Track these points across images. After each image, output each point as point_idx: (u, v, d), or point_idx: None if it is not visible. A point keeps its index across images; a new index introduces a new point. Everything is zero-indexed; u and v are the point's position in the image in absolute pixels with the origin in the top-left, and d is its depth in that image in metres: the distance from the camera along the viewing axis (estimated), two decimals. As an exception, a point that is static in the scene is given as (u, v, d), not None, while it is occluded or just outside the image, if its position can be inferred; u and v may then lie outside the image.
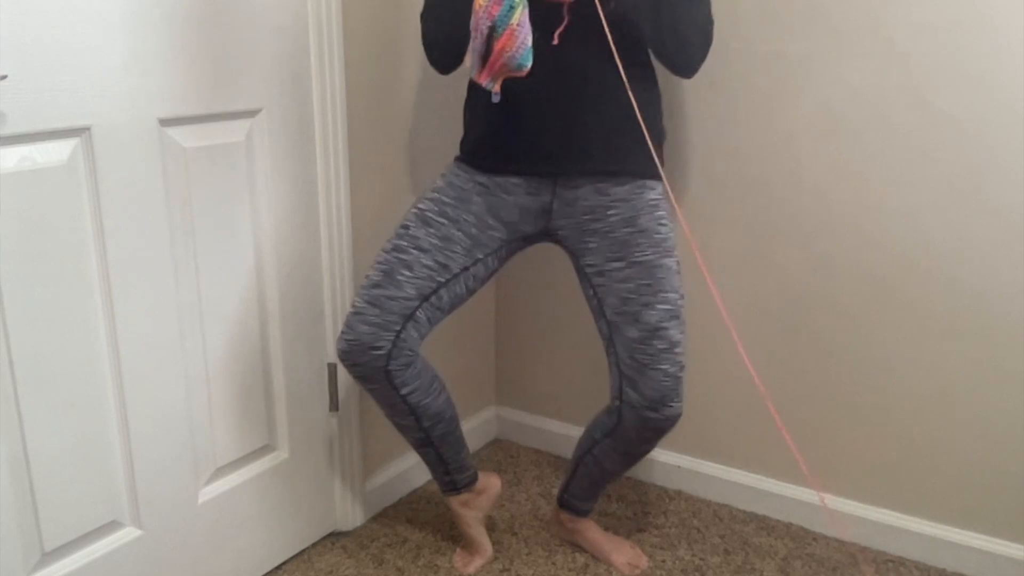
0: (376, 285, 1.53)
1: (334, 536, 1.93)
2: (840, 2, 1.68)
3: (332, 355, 1.84)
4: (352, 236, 1.82)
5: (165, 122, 1.45)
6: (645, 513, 2.00)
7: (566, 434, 2.24)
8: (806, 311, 1.85)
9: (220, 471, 1.67)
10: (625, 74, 1.37)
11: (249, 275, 1.65)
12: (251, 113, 1.59)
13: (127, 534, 1.52)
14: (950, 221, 1.67)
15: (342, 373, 1.85)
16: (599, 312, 1.57)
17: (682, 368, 1.53)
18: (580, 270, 1.59)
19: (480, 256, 1.58)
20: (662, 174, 1.45)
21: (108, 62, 1.35)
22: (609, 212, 1.53)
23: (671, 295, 1.52)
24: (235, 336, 1.64)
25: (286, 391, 1.76)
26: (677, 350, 1.52)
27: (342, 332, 1.55)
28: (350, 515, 1.94)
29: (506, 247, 1.61)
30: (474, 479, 1.80)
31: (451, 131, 2.02)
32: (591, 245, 1.55)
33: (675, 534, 1.94)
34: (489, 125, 1.55)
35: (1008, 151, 1.59)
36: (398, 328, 1.52)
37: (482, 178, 1.57)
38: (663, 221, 1.54)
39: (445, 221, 1.56)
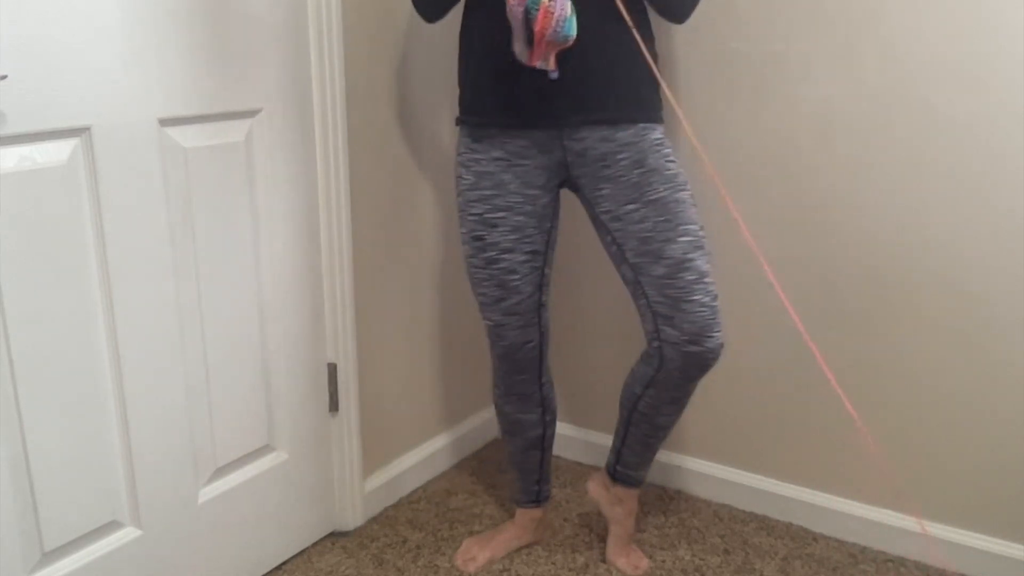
0: (499, 300, 1.64)
1: (334, 536, 1.93)
2: (840, 2, 1.68)
3: (332, 355, 1.84)
4: (352, 236, 1.82)
5: (165, 122, 1.45)
6: (645, 513, 2.00)
7: (566, 434, 2.24)
8: (804, 311, 1.85)
9: (220, 471, 1.66)
10: (620, 23, 1.40)
11: (249, 275, 1.65)
12: (251, 113, 1.59)
13: (127, 534, 1.52)
14: (950, 221, 1.67)
15: (342, 373, 1.85)
16: (620, 257, 1.58)
17: (715, 298, 1.53)
18: (596, 219, 1.60)
19: (548, 225, 1.64)
20: (672, 109, 1.45)
21: (108, 62, 1.35)
22: (619, 157, 1.54)
23: (691, 227, 1.53)
24: (235, 336, 1.64)
25: (286, 391, 1.76)
26: (707, 279, 1.53)
27: (493, 341, 1.69)
28: (350, 515, 1.94)
29: (553, 203, 1.65)
30: (550, 495, 1.90)
31: (451, 131, 2.02)
32: (604, 191, 1.56)
33: (675, 534, 1.93)
34: (486, 82, 1.55)
35: (1008, 151, 1.59)
36: (537, 320, 1.67)
37: (497, 152, 1.58)
38: (670, 159, 1.55)
39: (504, 214, 1.59)
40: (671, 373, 1.58)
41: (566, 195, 1.67)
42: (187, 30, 1.45)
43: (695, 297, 1.52)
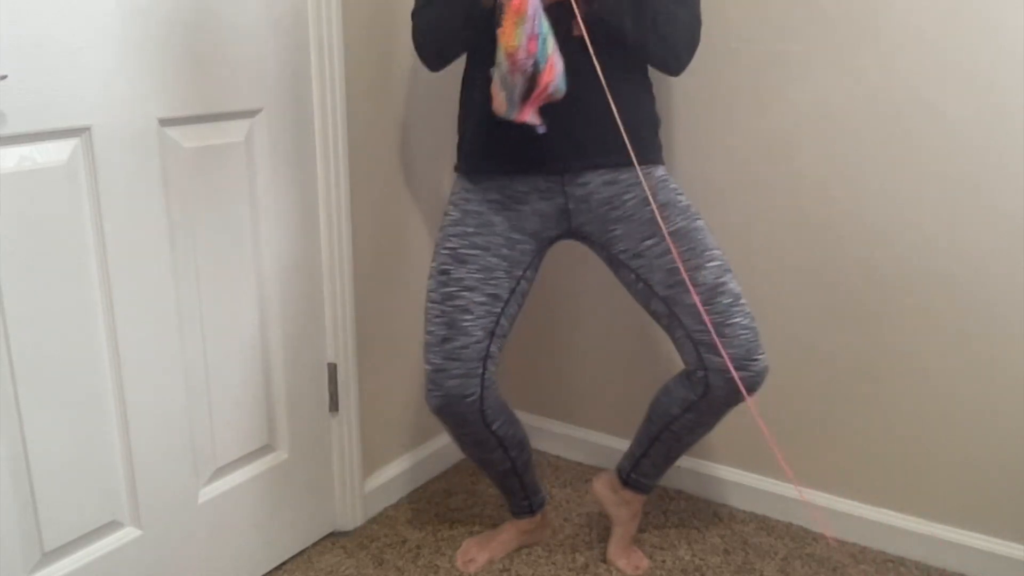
0: (445, 340, 1.56)
1: (334, 536, 1.93)
2: (840, 2, 1.68)
3: (332, 355, 1.84)
4: (352, 236, 1.82)
5: (165, 122, 1.45)
6: (645, 513, 2.00)
7: (565, 434, 2.24)
8: (804, 311, 1.85)
9: (220, 471, 1.67)
10: (614, 71, 1.40)
11: (249, 275, 1.65)
12: (251, 113, 1.59)
13: (127, 534, 1.52)
14: (950, 221, 1.67)
15: (342, 373, 1.85)
16: (648, 293, 1.56)
17: (753, 320, 1.53)
18: (614, 260, 1.59)
19: (520, 273, 1.60)
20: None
21: (108, 62, 1.35)
22: (625, 198, 1.54)
23: (715, 251, 1.53)
24: (235, 336, 1.64)
25: (286, 391, 1.76)
26: (742, 301, 1.53)
27: (429, 390, 1.57)
28: (350, 515, 1.94)
29: (538, 255, 1.63)
30: (545, 500, 1.86)
31: (451, 131, 2.02)
32: (617, 232, 1.56)
33: (675, 534, 1.93)
34: (486, 130, 1.54)
35: (1008, 151, 1.59)
36: (480, 372, 1.57)
37: (493, 195, 1.58)
38: (679, 192, 1.56)
39: (478, 252, 1.57)
40: (716, 400, 1.56)
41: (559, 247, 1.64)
42: (187, 30, 1.45)
43: (735, 320, 1.51)
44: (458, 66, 1.64)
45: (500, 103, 1.38)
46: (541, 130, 1.38)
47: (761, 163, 1.83)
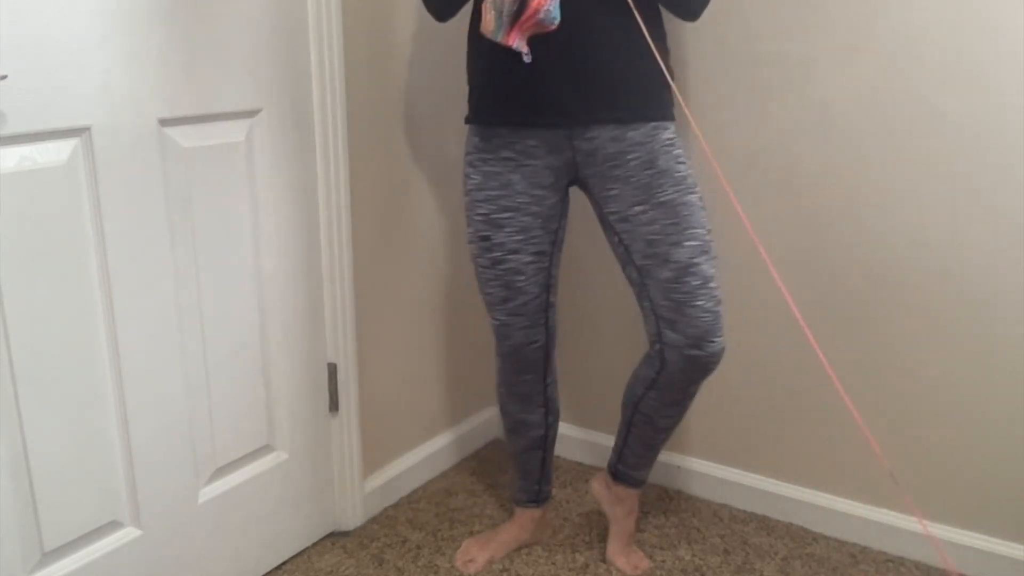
0: (505, 300, 1.64)
1: (334, 536, 1.93)
2: (840, 2, 1.68)
3: (332, 355, 1.84)
4: (352, 236, 1.82)
5: (165, 122, 1.45)
6: (645, 513, 2.00)
7: (567, 434, 2.24)
8: (805, 310, 1.85)
9: (220, 471, 1.66)
10: (632, 20, 1.39)
11: (249, 275, 1.65)
12: (251, 113, 1.59)
13: (127, 534, 1.52)
14: (950, 220, 1.67)
15: (342, 373, 1.85)
16: (627, 259, 1.58)
17: (719, 303, 1.54)
18: (603, 219, 1.60)
19: (555, 226, 1.64)
20: (679, 104, 1.44)
21: (108, 62, 1.35)
22: (629, 157, 1.53)
23: (698, 231, 1.53)
24: (235, 336, 1.64)
25: (286, 391, 1.76)
26: (712, 284, 1.53)
27: (499, 340, 1.70)
28: (350, 515, 1.94)
29: (563, 203, 1.65)
30: (551, 496, 1.90)
31: (452, 131, 2.02)
32: (613, 192, 1.56)
33: (675, 534, 1.93)
34: (496, 80, 1.55)
35: (1008, 151, 1.59)
36: (543, 320, 1.68)
37: (505, 152, 1.57)
38: (681, 160, 1.55)
39: (511, 214, 1.59)
40: (672, 376, 1.58)
41: (574, 195, 1.67)
42: (187, 30, 1.45)
43: (698, 302, 1.52)
44: (458, 66, 1.64)
45: (488, 22, 1.39)
46: (527, 59, 1.40)
47: (764, 161, 1.83)
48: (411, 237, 2.01)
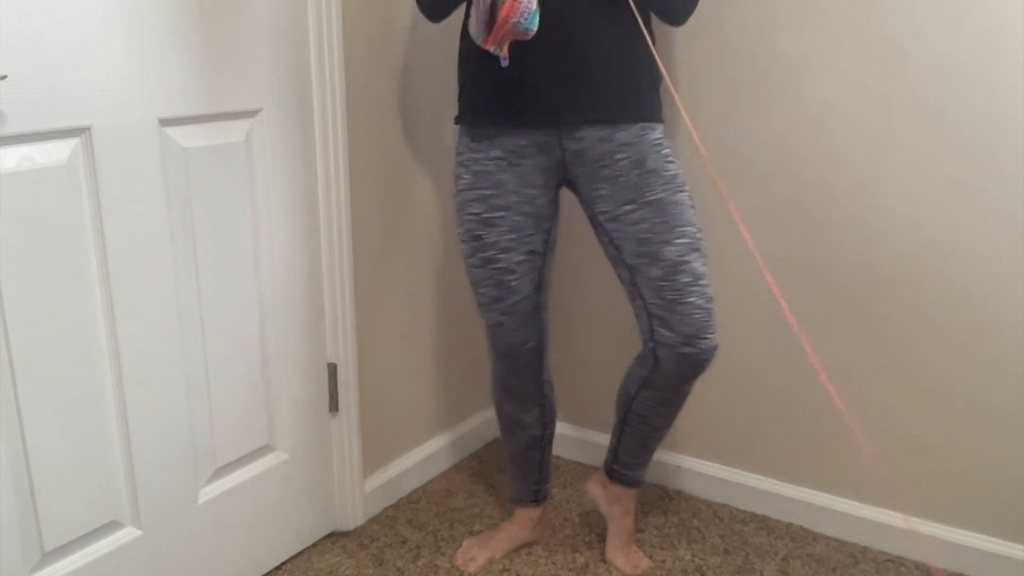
0: (497, 299, 1.64)
1: (334, 536, 1.93)
2: (840, 2, 1.68)
3: (332, 355, 1.84)
4: (352, 236, 1.82)
5: (165, 122, 1.45)
6: (645, 513, 2.00)
7: (566, 434, 2.24)
8: (803, 310, 1.85)
9: (220, 471, 1.67)
10: (620, 21, 1.41)
11: (249, 275, 1.65)
12: (251, 113, 1.59)
13: (127, 534, 1.52)
14: (950, 220, 1.67)
15: (342, 373, 1.85)
16: (617, 258, 1.59)
17: (710, 300, 1.54)
18: (593, 219, 1.60)
19: (546, 225, 1.64)
20: (676, 104, 1.45)
21: (108, 62, 1.35)
22: (617, 157, 1.53)
23: (688, 228, 1.53)
24: (235, 336, 1.64)
25: (286, 391, 1.76)
26: (702, 282, 1.53)
27: (492, 340, 1.69)
28: (350, 515, 1.94)
29: (554, 202, 1.65)
30: (549, 495, 1.90)
31: (452, 131, 2.02)
32: (602, 192, 1.56)
33: (675, 534, 1.94)
34: (486, 80, 1.55)
35: (1007, 150, 1.59)
36: (535, 320, 1.67)
37: (496, 152, 1.58)
38: (670, 159, 1.55)
39: (502, 213, 1.59)
40: (665, 374, 1.58)
41: (565, 195, 1.67)
42: (187, 30, 1.45)
43: (690, 299, 1.52)
44: (454, 66, 1.64)
45: (472, 25, 1.42)
46: (504, 63, 1.42)
47: (761, 161, 1.83)
48: (411, 237, 2.01)
